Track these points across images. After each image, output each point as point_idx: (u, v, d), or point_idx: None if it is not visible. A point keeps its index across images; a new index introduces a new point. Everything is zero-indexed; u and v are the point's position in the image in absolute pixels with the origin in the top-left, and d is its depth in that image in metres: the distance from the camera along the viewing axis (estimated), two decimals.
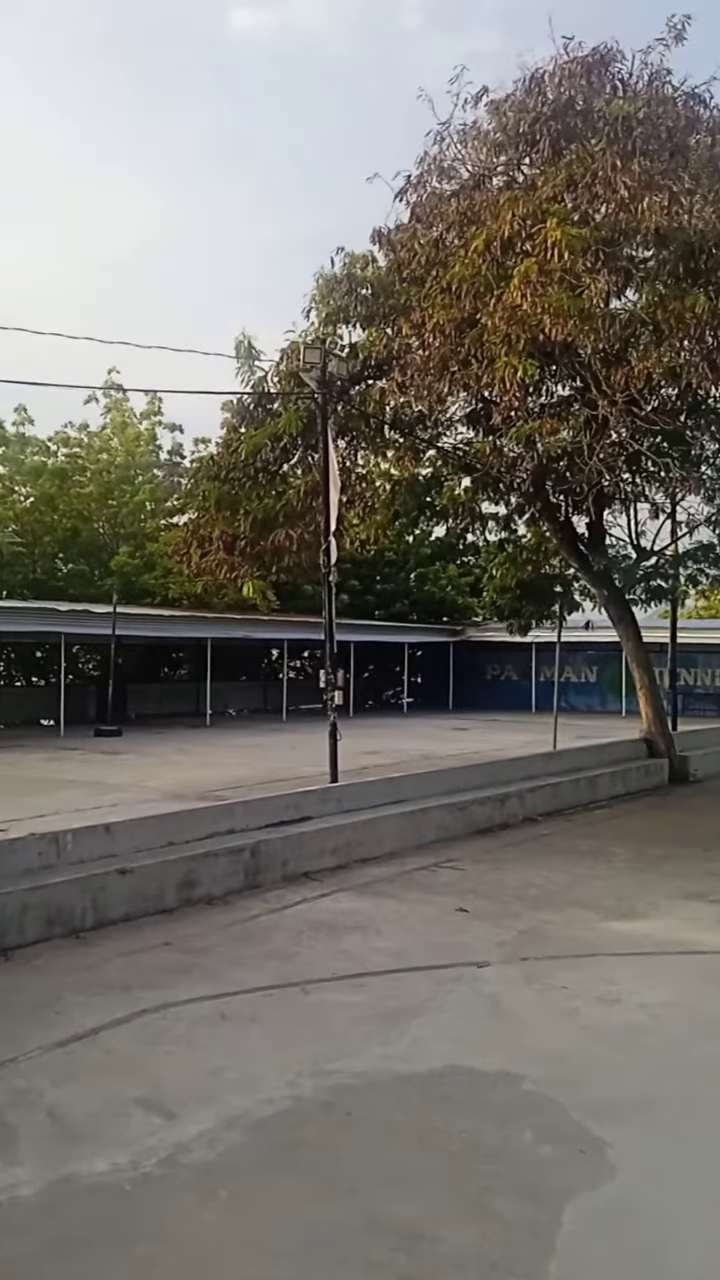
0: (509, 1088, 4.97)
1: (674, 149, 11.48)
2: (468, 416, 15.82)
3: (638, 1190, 4.05)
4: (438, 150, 13.50)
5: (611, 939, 7.66)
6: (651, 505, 17.59)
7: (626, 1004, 6.18)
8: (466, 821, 11.97)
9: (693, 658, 33.05)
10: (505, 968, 6.89)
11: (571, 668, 35.36)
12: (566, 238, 10.45)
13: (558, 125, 12.12)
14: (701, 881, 9.58)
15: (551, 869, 10.14)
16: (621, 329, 11.47)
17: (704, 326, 10.95)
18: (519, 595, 19.21)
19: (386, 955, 7.16)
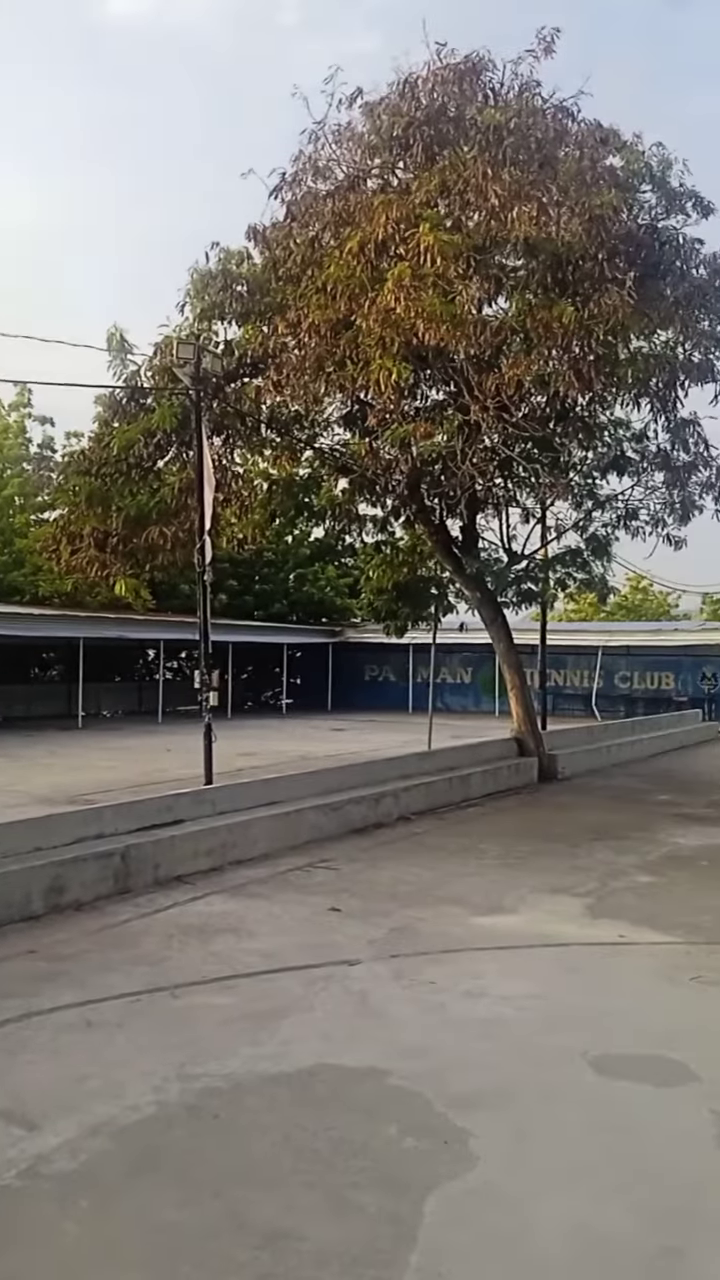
0: (376, 1083, 5.01)
1: (543, 160, 11.78)
2: (345, 418, 15.92)
3: (499, 1178, 4.14)
4: (313, 150, 13.57)
5: (479, 934, 7.79)
6: (522, 510, 17.96)
7: (491, 997, 6.30)
8: (341, 821, 12.02)
9: (562, 659, 33.94)
10: (375, 965, 6.94)
11: (447, 669, 35.91)
12: (439, 243, 10.61)
13: (431, 131, 12.30)
14: (567, 876, 9.83)
15: (423, 866, 10.26)
16: (493, 336, 11.70)
17: (571, 336, 11.26)
18: (396, 597, 19.38)
19: (258, 956, 7.14)
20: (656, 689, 35.18)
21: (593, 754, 20.14)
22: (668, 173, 13.09)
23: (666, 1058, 5.34)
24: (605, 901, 8.87)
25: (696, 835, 12.30)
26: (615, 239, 11.74)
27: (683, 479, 15.59)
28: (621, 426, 16.25)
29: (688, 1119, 4.66)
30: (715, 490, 15.75)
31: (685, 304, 12.82)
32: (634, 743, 22.84)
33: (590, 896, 9.03)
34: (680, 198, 13.17)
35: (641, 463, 16.11)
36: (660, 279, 12.71)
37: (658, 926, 8.00)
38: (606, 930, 7.90)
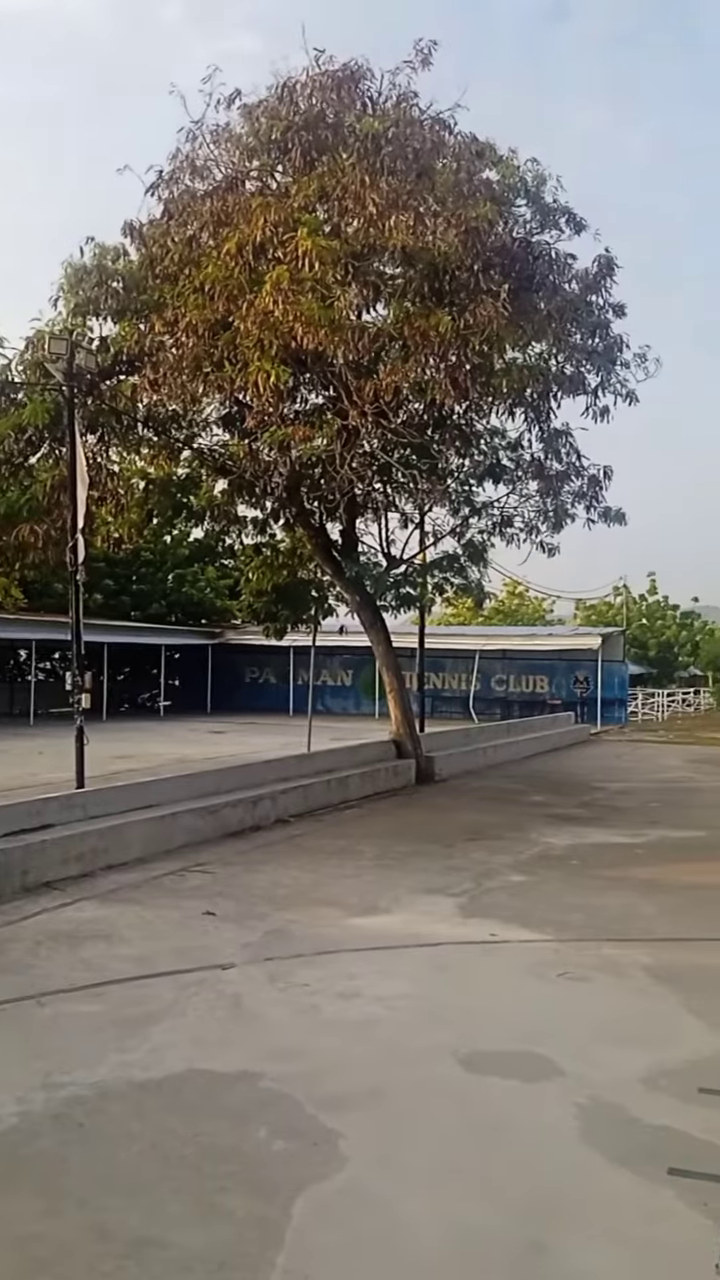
0: (247, 1087, 5.00)
1: (421, 171, 11.93)
2: (224, 419, 15.83)
3: (367, 1178, 4.17)
4: (191, 149, 13.45)
5: (354, 935, 7.83)
6: (401, 515, 18.15)
7: (364, 997, 6.34)
8: (218, 825, 11.94)
9: (441, 663, 34.42)
10: (249, 968, 6.92)
11: (328, 671, 36.01)
12: (317, 248, 10.65)
13: (309, 136, 12.34)
14: (442, 876, 9.97)
15: (300, 869, 10.27)
16: (371, 342, 11.79)
17: (447, 345, 11.43)
18: (275, 599, 19.34)
19: (129, 962, 7.03)
20: (531, 692, 35.97)
21: (469, 755, 20.48)
22: (542, 188, 13.41)
23: (534, 1053, 5.46)
24: (479, 901, 9.03)
25: (568, 835, 12.61)
26: (491, 251, 11.97)
27: (555, 488, 15.98)
28: (497, 435, 16.56)
29: (553, 1113, 4.77)
30: (586, 499, 16.20)
31: (558, 317, 13.15)
32: (509, 744, 23.31)
33: (464, 896, 9.17)
34: (554, 213, 13.51)
35: (516, 471, 16.44)
36: (534, 292, 13.01)
37: (529, 925, 8.17)
38: (479, 929, 8.03)
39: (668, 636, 60.48)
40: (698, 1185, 4.03)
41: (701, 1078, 5.10)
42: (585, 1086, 5.00)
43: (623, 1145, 4.39)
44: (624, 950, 7.40)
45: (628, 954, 7.29)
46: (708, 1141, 4.40)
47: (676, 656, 60.09)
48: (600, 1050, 5.52)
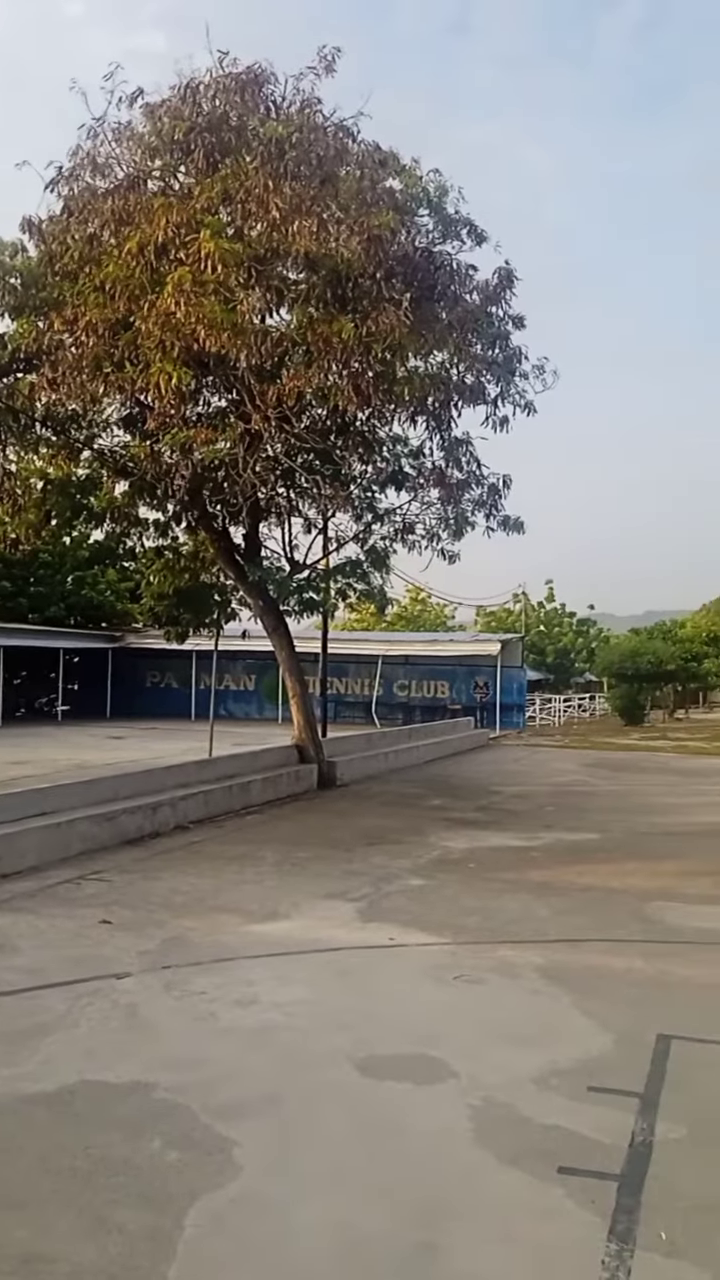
0: (141, 1098, 4.94)
1: (325, 177, 11.97)
2: (125, 419, 15.65)
3: (262, 1185, 4.15)
4: (92, 146, 13.26)
5: (253, 941, 7.80)
6: (305, 520, 18.19)
7: (262, 1004, 6.32)
8: (116, 832, 11.77)
9: (344, 668, 34.52)
10: (146, 977, 6.84)
11: (230, 676, 35.81)
12: (220, 250, 10.61)
13: (213, 138, 12.28)
14: (342, 881, 10.00)
15: (200, 876, 10.19)
16: (274, 346, 11.79)
17: (350, 352, 11.48)
18: (177, 603, 19.17)
19: (21, 973, 6.88)
20: (433, 697, 36.32)
21: (371, 760, 20.59)
22: (444, 199, 13.57)
23: (428, 1056, 5.51)
24: (378, 905, 9.08)
25: (465, 839, 12.76)
26: (393, 260, 12.08)
27: (456, 496, 16.18)
28: (400, 443, 16.72)
29: (446, 1115, 4.82)
30: (486, 508, 16.44)
31: (459, 327, 13.32)
32: (410, 749, 23.50)
33: (363, 901, 9.21)
34: (456, 224, 13.69)
35: (418, 478, 16.60)
36: (436, 301, 13.16)
37: (426, 928, 8.25)
38: (378, 933, 8.08)
39: (565, 643, 61.77)
40: (586, 1183, 4.12)
41: (591, 1076, 5.21)
42: (478, 1088, 5.07)
43: (514, 1145, 4.46)
44: (518, 952, 7.52)
45: (522, 956, 7.42)
46: (596, 1140, 4.50)
47: (573, 663, 61.39)
48: (494, 1051, 5.60)
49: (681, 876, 10.60)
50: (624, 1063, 5.40)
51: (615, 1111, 4.78)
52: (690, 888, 10.03)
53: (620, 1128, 4.60)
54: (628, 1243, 3.69)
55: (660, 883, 10.25)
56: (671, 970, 7.18)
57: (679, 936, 8.20)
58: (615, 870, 10.88)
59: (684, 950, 7.76)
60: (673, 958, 7.51)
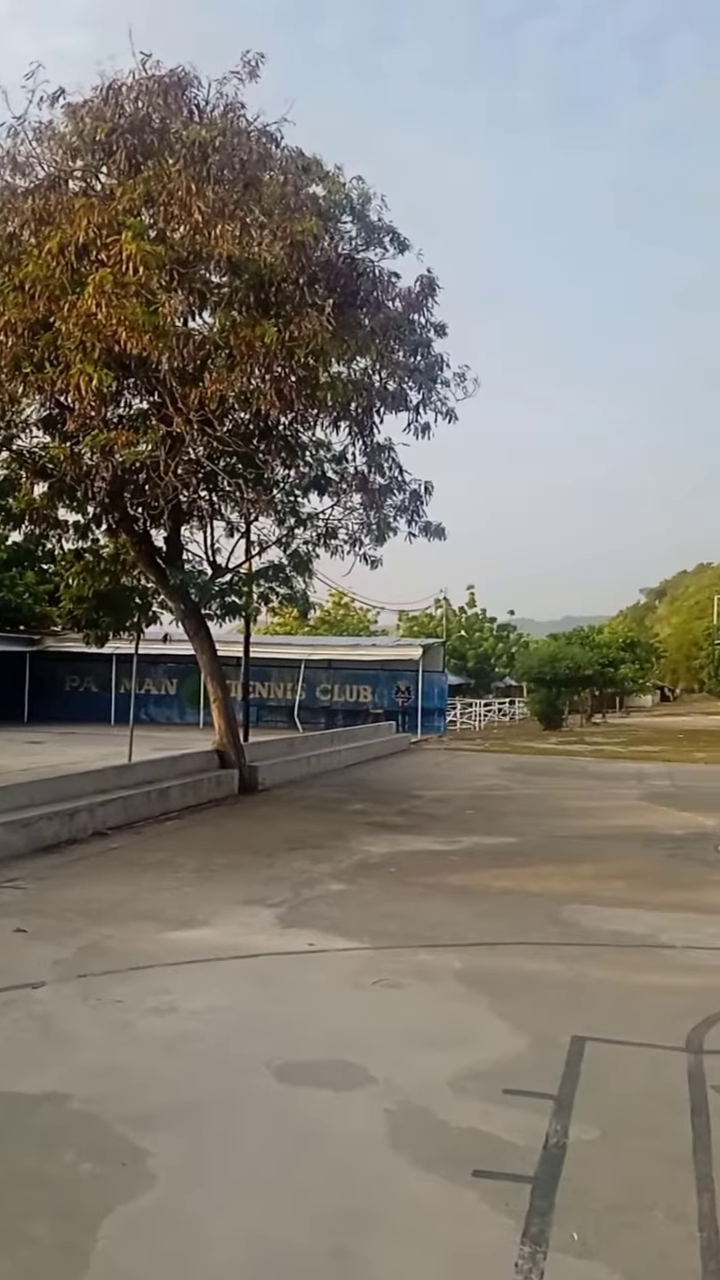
0: (54, 1109, 4.87)
1: (248, 182, 11.93)
2: (44, 420, 15.41)
3: (176, 1196, 4.13)
4: (12, 144, 13.05)
5: (171, 949, 7.74)
6: (227, 523, 18.10)
7: (180, 1012, 6.28)
8: (31, 838, 11.57)
9: (267, 671, 34.41)
10: (61, 986, 6.74)
11: (151, 680, 35.47)
12: (141, 252, 10.52)
13: (135, 140, 12.17)
14: (262, 887, 9.97)
15: (117, 882, 10.07)
16: (196, 349, 11.72)
17: (273, 356, 11.47)
18: (97, 606, 18.91)
19: None
20: (355, 701, 36.41)
21: (293, 765, 20.56)
22: (367, 206, 13.65)
23: (347, 1062, 5.52)
24: (298, 911, 9.07)
25: (386, 843, 12.82)
26: (316, 265, 12.10)
27: (379, 501, 16.26)
28: (323, 447, 16.73)
29: (363, 1121, 4.83)
30: (408, 513, 16.55)
31: (382, 334, 13.40)
32: (332, 753, 23.53)
33: (283, 906, 9.20)
34: (379, 231, 13.77)
35: (341, 484, 16.63)
36: (358, 308, 13.21)
37: (346, 933, 8.26)
38: (297, 939, 8.07)
39: (485, 648, 62.39)
40: (501, 1186, 4.17)
41: (507, 1079, 5.28)
42: (395, 1093, 5.10)
43: (430, 1150, 4.50)
44: (437, 956, 7.58)
45: (440, 960, 7.48)
46: (511, 1142, 4.56)
47: (493, 667, 62.04)
48: (411, 1056, 5.64)
49: (597, 879, 10.78)
50: (539, 1065, 5.48)
51: (530, 1114, 4.85)
52: (605, 890, 10.21)
53: (535, 1130, 4.67)
54: (541, 1245, 3.74)
55: (576, 886, 10.42)
56: (586, 972, 7.31)
57: (594, 939, 8.34)
58: (532, 874, 11.03)
59: (599, 952, 7.89)
60: (588, 960, 7.64)
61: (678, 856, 12.32)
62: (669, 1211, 3.95)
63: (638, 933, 8.51)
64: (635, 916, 9.08)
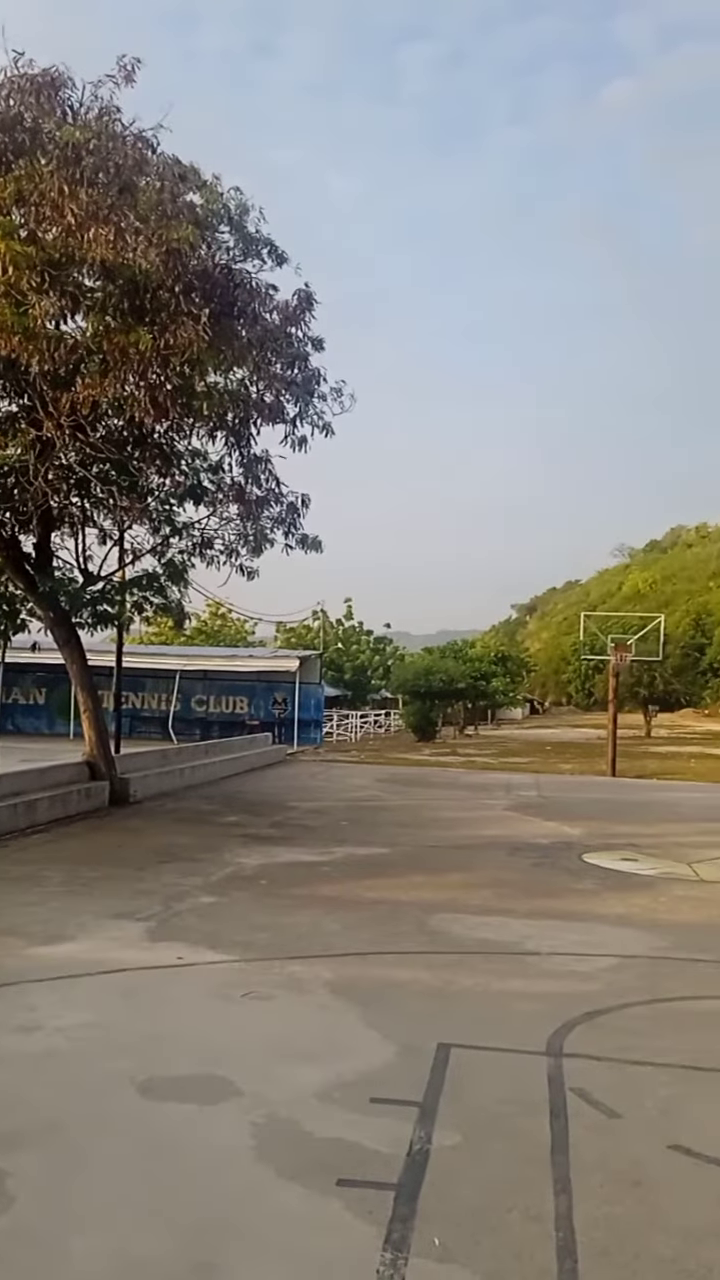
0: None
1: (123, 186, 11.77)
2: None
3: (35, 1216, 4.02)
4: None
5: (36, 965, 7.54)
6: (100, 531, 17.77)
7: (45, 1029, 6.12)
8: None
9: (141, 682, 33.94)
10: None
11: (20, 689, 34.61)
12: (11, 252, 10.30)
13: (5, 138, 11.88)
14: (131, 900, 9.80)
15: None
16: (68, 353, 11.52)
17: (147, 363, 11.35)
18: None
19: None
20: (231, 713, 36.19)
21: (166, 777, 20.29)
22: (245, 217, 13.62)
23: (214, 1075, 5.47)
24: (167, 924, 8.96)
25: (259, 855, 12.76)
26: (193, 274, 12.02)
27: (255, 513, 16.24)
28: (199, 457, 16.62)
29: (229, 1134, 4.79)
30: (285, 525, 16.57)
31: (259, 346, 13.39)
32: (207, 765, 23.32)
33: (153, 920, 9.06)
34: (256, 243, 13.76)
35: (217, 494, 16.55)
36: (235, 319, 13.16)
37: (216, 946, 8.19)
38: (166, 953, 7.97)
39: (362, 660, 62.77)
40: (365, 1194, 4.19)
41: (374, 1088, 5.31)
42: (262, 1105, 5.08)
43: (295, 1161, 4.49)
44: (307, 967, 7.58)
45: (310, 971, 7.48)
46: (375, 1150, 4.58)
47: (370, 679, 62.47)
48: (279, 1068, 5.62)
49: (466, 888, 10.95)
50: (405, 1073, 5.53)
51: (395, 1121, 4.89)
52: (473, 899, 10.38)
53: (399, 1137, 4.70)
54: (402, 1251, 3.77)
55: (445, 895, 10.57)
56: (454, 980, 7.42)
57: (461, 947, 8.47)
58: (403, 883, 11.14)
59: (466, 960, 8.02)
60: (455, 968, 7.75)
61: (543, 865, 12.62)
62: (526, 1213, 4.04)
63: (504, 940, 8.68)
64: (502, 924, 9.25)
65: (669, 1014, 6.76)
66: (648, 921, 9.53)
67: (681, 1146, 4.68)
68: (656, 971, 7.81)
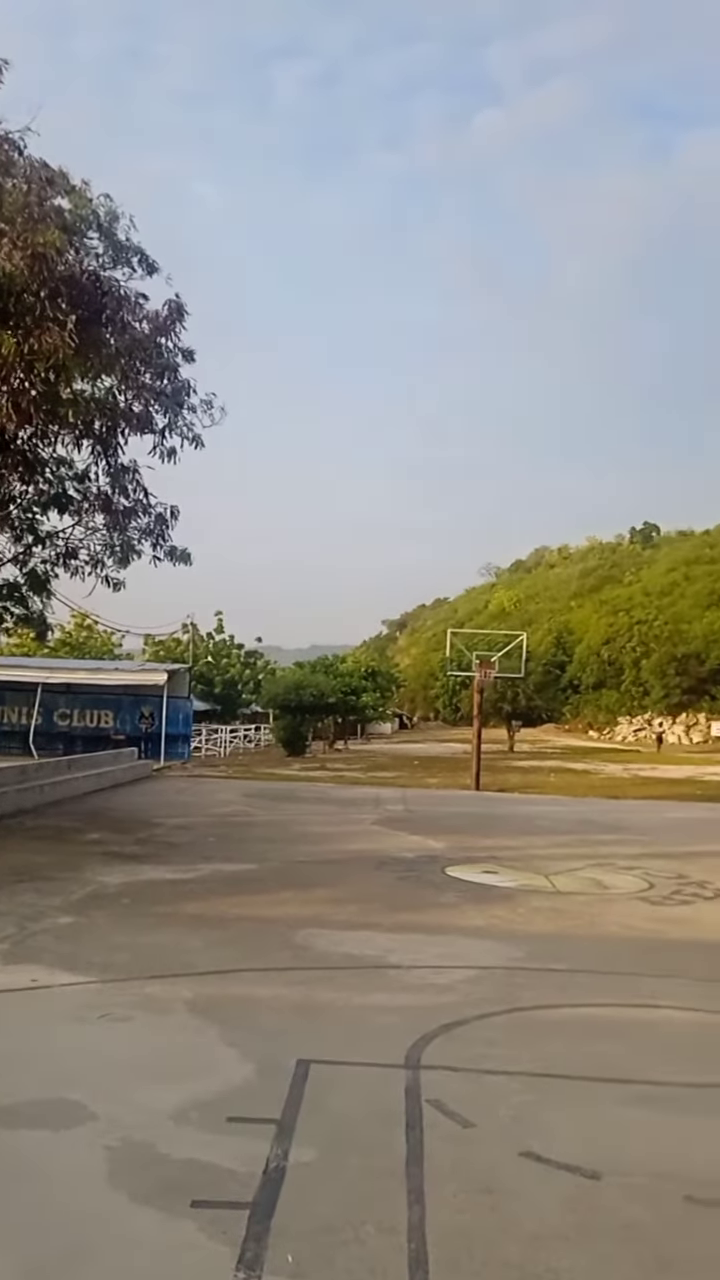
0: None
1: None
2: None
3: None
4: None
5: None
6: None
7: None
8: None
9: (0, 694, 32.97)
10: None
11: None
12: None
13: None
14: None
15: None
16: None
17: (10, 368, 11.08)
18: None
19: None
20: (96, 727, 35.46)
21: (26, 794, 19.74)
22: (115, 224, 13.47)
23: (67, 1099, 5.33)
24: (22, 946, 8.70)
25: (121, 873, 12.51)
26: (59, 280, 11.79)
27: (122, 523, 16.00)
28: (64, 465, 16.30)
29: (81, 1159, 4.68)
30: (154, 537, 16.36)
31: (127, 354, 13.22)
32: (70, 781, 22.80)
33: (6, 942, 8.79)
34: (126, 251, 13.61)
35: (83, 503, 16.25)
36: (104, 326, 12.98)
37: (73, 968, 7.99)
38: (20, 975, 7.73)
39: (233, 674, 62.39)
40: (218, 1215, 4.14)
41: (231, 1107, 5.26)
42: (116, 1128, 4.97)
43: (149, 1184, 4.41)
44: (167, 987, 7.47)
45: (170, 990, 7.37)
46: (231, 1170, 4.54)
47: (240, 694, 62.12)
48: (135, 1090, 5.52)
49: (332, 904, 10.97)
50: (264, 1091, 5.50)
51: (252, 1140, 4.85)
52: (339, 914, 10.40)
53: (256, 1156, 4.67)
54: (255, 1269, 3.75)
55: (311, 910, 10.56)
56: (316, 996, 7.41)
57: (326, 962, 8.47)
58: (269, 900, 11.09)
59: (330, 975, 8.03)
60: (318, 984, 7.75)
61: (408, 879, 12.74)
62: (380, 1225, 4.06)
63: (367, 955, 8.72)
64: (366, 939, 9.30)
65: (523, 1023, 6.91)
66: (506, 933, 9.72)
67: (532, 1153, 4.78)
68: (512, 982, 7.97)
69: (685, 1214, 4.27)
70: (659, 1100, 5.57)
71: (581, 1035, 6.72)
